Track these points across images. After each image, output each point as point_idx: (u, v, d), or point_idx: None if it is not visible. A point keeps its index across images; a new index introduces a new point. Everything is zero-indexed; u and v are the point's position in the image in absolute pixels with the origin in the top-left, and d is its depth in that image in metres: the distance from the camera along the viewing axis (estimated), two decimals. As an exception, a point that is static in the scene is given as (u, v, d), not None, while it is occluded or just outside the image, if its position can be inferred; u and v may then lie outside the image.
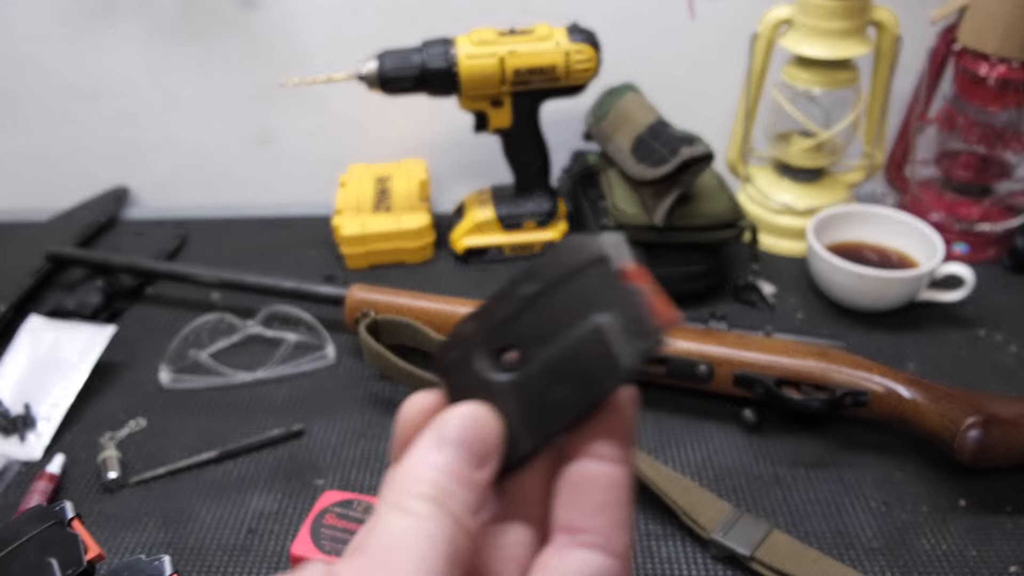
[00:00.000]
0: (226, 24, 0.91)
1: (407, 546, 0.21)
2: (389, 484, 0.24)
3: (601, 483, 0.24)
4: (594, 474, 0.24)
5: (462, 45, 0.77)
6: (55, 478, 0.62)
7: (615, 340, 0.23)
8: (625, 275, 0.24)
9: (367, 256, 0.87)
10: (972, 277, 0.74)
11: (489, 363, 0.26)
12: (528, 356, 0.25)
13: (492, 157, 0.92)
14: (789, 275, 0.83)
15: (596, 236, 0.25)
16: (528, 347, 0.25)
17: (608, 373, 0.23)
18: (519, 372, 0.25)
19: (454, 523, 0.22)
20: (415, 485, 0.23)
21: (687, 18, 0.91)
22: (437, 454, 0.24)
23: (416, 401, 0.26)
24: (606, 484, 0.24)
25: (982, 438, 0.56)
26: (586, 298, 0.24)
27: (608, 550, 0.23)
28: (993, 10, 0.75)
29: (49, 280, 0.85)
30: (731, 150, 0.92)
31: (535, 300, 0.25)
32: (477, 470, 0.24)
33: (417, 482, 0.23)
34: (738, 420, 0.66)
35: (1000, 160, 0.84)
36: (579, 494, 0.24)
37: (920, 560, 0.55)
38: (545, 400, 0.24)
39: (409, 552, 0.21)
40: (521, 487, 0.26)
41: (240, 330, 0.77)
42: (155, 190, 1.03)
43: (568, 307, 0.24)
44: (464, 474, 0.23)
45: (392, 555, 0.21)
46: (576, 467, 0.24)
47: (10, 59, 0.94)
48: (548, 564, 0.24)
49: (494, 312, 0.26)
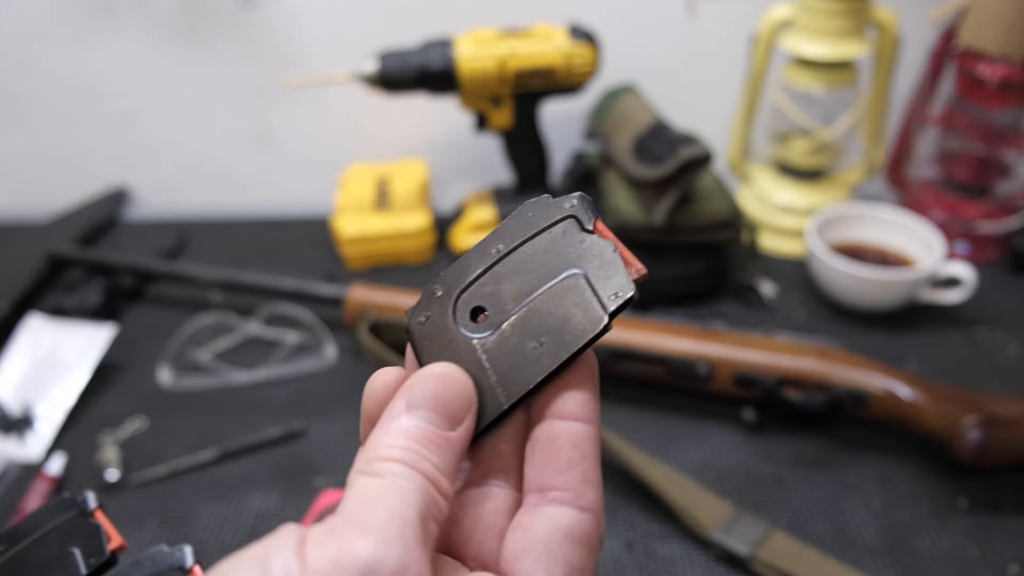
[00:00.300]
0: (226, 24, 0.91)
1: (379, 502, 0.21)
2: (360, 454, 0.24)
3: (569, 441, 0.24)
4: (562, 432, 0.24)
5: (462, 46, 0.77)
6: (55, 479, 0.62)
7: (597, 289, 0.24)
8: (594, 231, 0.25)
9: (367, 256, 0.87)
10: (972, 277, 0.74)
11: (459, 324, 0.26)
12: (500, 314, 0.25)
13: (492, 157, 0.92)
14: (789, 275, 0.83)
15: (560, 197, 0.26)
16: (500, 305, 0.25)
17: (592, 321, 0.24)
18: (492, 330, 0.25)
19: (427, 482, 0.22)
20: (386, 449, 0.23)
21: (687, 18, 0.91)
22: (407, 417, 0.24)
23: (380, 378, 0.26)
24: (573, 441, 0.24)
25: (982, 438, 0.56)
26: (559, 254, 0.25)
27: (579, 505, 0.24)
28: (993, 10, 0.75)
29: (49, 280, 0.85)
30: (731, 150, 0.92)
31: (505, 259, 0.26)
32: (450, 430, 0.24)
33: (388, 447, 0.23)
34: (738, 420, 0.66)
35: (1000, 160, 0.84)
36: (548, 453, 0.24)
37: (920, 560, 0.55)
38: (522, 354, 0.24)
39: (381, 507, 0.21)
40: (497, 455, 0.26)
41: (240, 330, 0.77)
42: (155, 190, 1.03)
43: (541, 263, 0.25)
44: (436, 435, 0.23)
45: (363, 510, 0.21)
46: (544, 427, 0.25)
47: (10, 59, 0.94)
48: (522, 524, 0.24)
49: (462, 273, 0.26)
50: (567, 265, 0.25)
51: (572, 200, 0.25)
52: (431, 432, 0.23)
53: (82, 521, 0.33)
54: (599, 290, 0.24)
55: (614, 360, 0.66)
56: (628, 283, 0.24)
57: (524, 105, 0.81)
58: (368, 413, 0.26)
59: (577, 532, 0.23)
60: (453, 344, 0.25)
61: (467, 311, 0.26)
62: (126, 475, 0.63)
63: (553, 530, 0.23)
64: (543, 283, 0.25)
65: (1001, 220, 0.84)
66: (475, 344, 0.25)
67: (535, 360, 0.24)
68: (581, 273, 0.24)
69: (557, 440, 0.24)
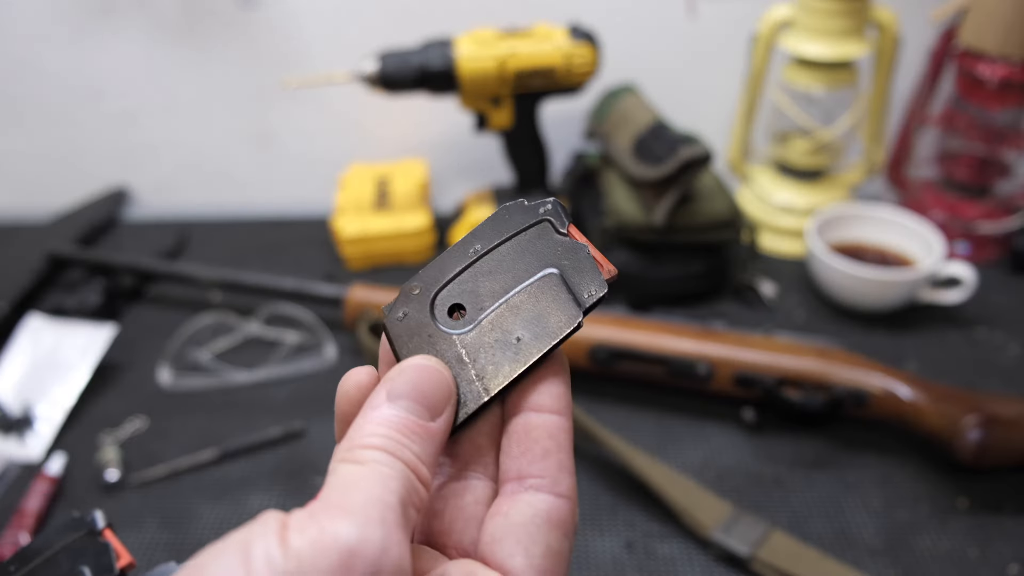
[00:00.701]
0: (226, 24, 0.91)
1: (360, 488, 0.22)
2: (341, 444, 0.24)
3: (545, 432, 0.25)
4: (538, 424, 0.25)
5: (462, 46, 0.77)
6: (55, 478, 0.62)
7: (573, 288, 0.25)
8: (568, 234, 0.26)
9: (367, 256, 0.87)
10: (972, 277, 0.74)
11: (438, 320, 0.27)
12: (478, 311, 0.26)
13: (492, 157, 0.92)
14: (789, 275, 0.83)
15: (535, 200, 0.27)
16: (478, 302, 0.26)
17: (568, 317, 0.25)
18: (470, 326, 0.26)
19: (407, 470, 0.23)
20: (367, 438, 0.23)
21: (687, 18, 0.91)
22: (388, 407, 0.24)
23: (353, 378, 0.26)
24: (549, 432, 0.25)
25: (982, 438, 0.56)
26: (535, 254, 0.26)
27: (556, 492, 0.25)
28: (993, 10, 0.75)
29: (49, 280, 0.85)
30: (731, 150, 0.92)
31: (483, 259, 0.27)
32: (430, 421, 0.24)
33: (368, 435, 0.23)
34: (738, 420, 0.66)
35: (1000, 160, 0.84)
36: (525, 443, 0.25)
37: (920, 560, 0.55)
38: (501, 349, 0.26)
39: (361, 492, 0.22)
40: (475, 449, 0.27)
41: (240, 330, 0.77)
42: (155, 190, 1.03)
43: (517, 263, 0.26)
44: (417, 425, 0.24)
45: (345, 495, 0.22)
46: (520, 420, 0.26)
47: (10, 59, 0.94)
48: (500, 510, 0.25)
49: (440, 272, 0.27)
50: (543, 265, 0.26)
51: (547, 204, 0.27)
52: (412, 422, 0.24)
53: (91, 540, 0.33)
54: (574, 289, 0.26)
55: (614, 360, 0.66)
56: (602, 283, 0.25)
57: (524, 105, 0.81)
58: (342, 413, 0.26)
59: (555, 517, 0.24)
60: (432, 339, 0.26)
61: (445, 308, 0.27)
62: (126, 475, 0.63)
63: (532, 515, 0.24)
64: (520, 282, 0.26)
65: (1001, 220, 0.84)
66: (455, 339, 0.26)
67: (514, 354, 0.25)
68: (557, 273, 0.26)
69: (533, 432, 0.25)
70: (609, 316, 0.68)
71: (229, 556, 0.20)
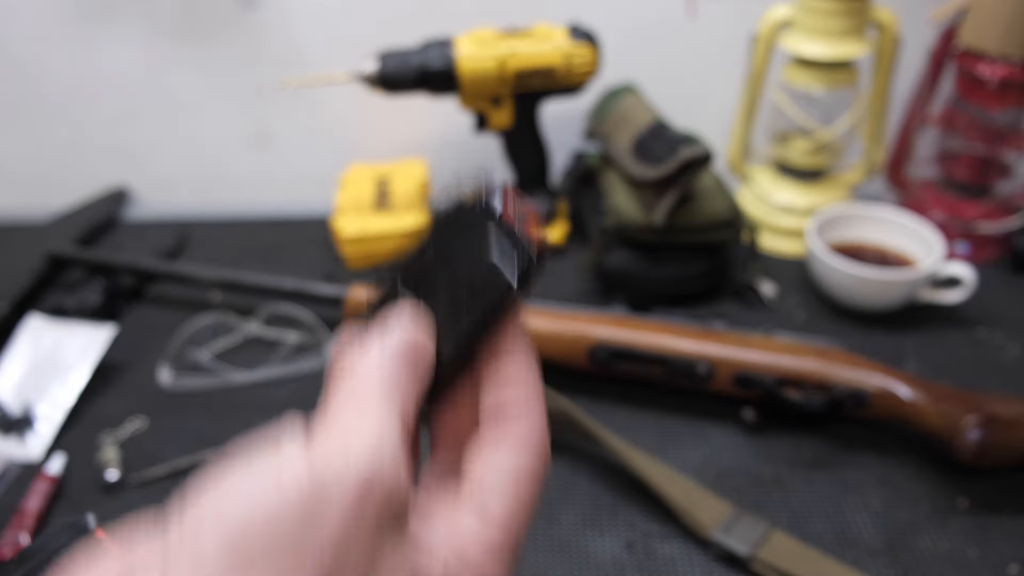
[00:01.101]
0: (226, 24, 0.91)
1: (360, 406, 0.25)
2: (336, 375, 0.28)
3: (514, 362, 0.29)
4: (507, 360, 0.29)
5: (462, 46, 0.77)
6: (55, 478, 0.62)
7: (502, 267, 0.29)
8: (503, 215, 0.29)
9: (367, 256, 0.87)
10: (972, 277, 0.74)
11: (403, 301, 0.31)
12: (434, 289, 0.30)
13: (492, 157, 0.92)
14: (789, 275, 0.83)
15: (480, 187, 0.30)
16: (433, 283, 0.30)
17: (505, 284, 0.29)
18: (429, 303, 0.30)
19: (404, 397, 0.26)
20: (364, 367, 0.27)
21: (687, 18, 0.91)
22: (382, 343, 0.27)
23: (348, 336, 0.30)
24: (517, 362, 0.29)
25: (982, 438, 0.56)
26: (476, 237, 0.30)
27: (531, 420, 0.28)
28: (993, 10, 0.75)
29: (49, 280, 0.85)
30: (731, 150, 0.92)
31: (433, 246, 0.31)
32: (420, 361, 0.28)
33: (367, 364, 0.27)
34: (738, 420, 0.66)
35: (1000, 160, 0.84)
36: (498, 374, 0.28)
37: (920, 560, 0.55)
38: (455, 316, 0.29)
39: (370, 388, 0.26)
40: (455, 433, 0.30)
41: (240, 330, 0.77)
42: (155, 190, 1.03)
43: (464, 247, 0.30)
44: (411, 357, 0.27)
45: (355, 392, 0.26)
46: (492, 363, 0.29)
47: (10, 59, 0.94)
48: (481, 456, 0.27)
49: (402, 263, 0.31)
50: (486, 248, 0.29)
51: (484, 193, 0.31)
52: (406, 355, 0.27)
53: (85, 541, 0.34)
54: (508, 266, 0.29)
55: (614, 360, 0.66)
56: (532, 255, 0.29)
57: (524, 105, 0.81)
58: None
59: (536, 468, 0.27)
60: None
61: (407, 291, 0.30)
62: (126, 475, 0.63)
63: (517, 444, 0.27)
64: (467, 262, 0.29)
65: (1001, 220, 0.84)
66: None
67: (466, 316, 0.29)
68: (497, 252, 0.29)
69: (505, 364, 0.29)
70: (609, 316, 0.68)
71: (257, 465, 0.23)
